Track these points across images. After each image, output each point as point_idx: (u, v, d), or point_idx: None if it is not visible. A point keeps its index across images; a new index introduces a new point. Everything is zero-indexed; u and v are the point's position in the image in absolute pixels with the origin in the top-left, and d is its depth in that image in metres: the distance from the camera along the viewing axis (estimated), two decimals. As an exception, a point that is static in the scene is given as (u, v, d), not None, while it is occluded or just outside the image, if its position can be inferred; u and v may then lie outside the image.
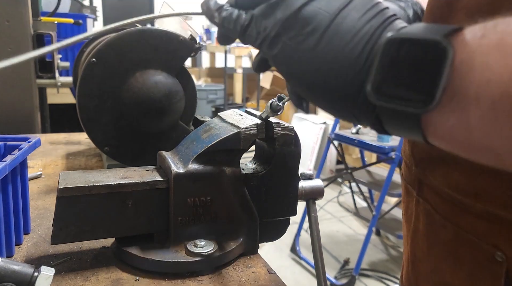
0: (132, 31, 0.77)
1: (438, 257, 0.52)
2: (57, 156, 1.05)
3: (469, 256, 0.48)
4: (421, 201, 0.56)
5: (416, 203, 0.57)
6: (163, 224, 0.56)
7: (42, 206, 0.74)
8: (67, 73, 2.04)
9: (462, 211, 0.48)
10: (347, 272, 2.53)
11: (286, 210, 0.63)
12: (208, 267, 0.55)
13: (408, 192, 0.60)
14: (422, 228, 0.55)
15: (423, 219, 0.55)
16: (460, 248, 0.49)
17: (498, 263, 0.44)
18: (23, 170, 0.61)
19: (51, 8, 1.83)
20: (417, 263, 0.57)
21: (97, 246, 0.60)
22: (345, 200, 3.63)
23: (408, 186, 0.60)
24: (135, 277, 0.54)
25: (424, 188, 0.55)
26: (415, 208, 0.57)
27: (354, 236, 3.05)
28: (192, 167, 0.55)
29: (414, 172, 0.58)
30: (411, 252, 0.59)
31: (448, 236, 0.50)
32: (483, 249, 0.46)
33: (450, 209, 0.50)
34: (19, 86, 1.41)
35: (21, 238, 0.60)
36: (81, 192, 0.52)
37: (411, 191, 0.59)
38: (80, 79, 0.76)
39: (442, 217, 0.51)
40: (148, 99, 0.75)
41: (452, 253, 0.50)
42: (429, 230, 0.54)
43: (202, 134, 0.60)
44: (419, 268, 0.57)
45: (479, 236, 0.46)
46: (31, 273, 0.44)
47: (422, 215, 0.55)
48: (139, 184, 0.54)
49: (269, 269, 0.58)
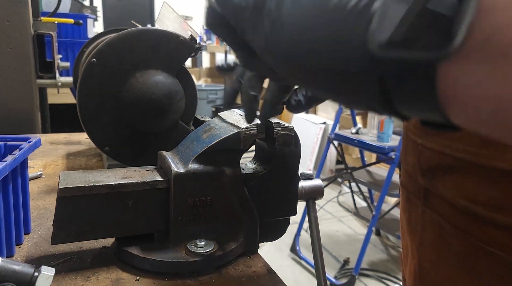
0: (133, 31, 0.77)
1: (450, 268, 0.50)
2: (57, 156, 1.05)
3: (487, 268, 0.46)
4: (428, 211, 0.53)
5: (421, 213, 0.55)
6: (163, 224, 0.56)
7: (42, 206, 0.74)
8: (67, 73, 2.04)
9: (479, 222, 0.46)
10: (347, 272, 2.54)
11: (286, 210, 0.63)
12: (208, 267, 0.55)
13: (411, 202, 0.58)
14: (430, 239, 0.53)
15: (432, 230, 0.53)
16: (477, 260, 0.47)
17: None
18: (24, 170, 0.61)
19: (51, 8, 1.84)
20: (426, 275, 0.55)
21: (98, 246, 0.60)
22: (345, 200, 3.63)
23: (411, 196, 0.58)
24: (136, 277, 0.54)
25: (431, 198, 0.53)
26: (421, 218, 0.55)
27: (354, 236, 3.05)
28: (192, 167, 0.55)
29: (419, 181, 0.55)
30: (418, 263, 0.56)
31: (462, 247, 0.48)
32: (503, 259, 0.44)
33: (464, 220, 0.48)
34: (20, 86, 1.41)
35: (21, 238, 0.60)
36: (82, 192, 0.52)
37: (414, 201, 0.57)
38: (80, 79, 0.76)
39: (454, 228, 0.49)
40: (148, 99, 0.76)
41: (467, 265, 0.48)
42: (439, 241, 0.52)
43: (202, 134, 0.60)
44: (427, 280, 0.55)
45: (499, 247, 0.44)
46: (31, 273, 0.44)
47: (431, 226, 0.53)
48: (139, 184, 0.54)
49: (269, 269, 0.58)
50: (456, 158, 0.48)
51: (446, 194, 0.50)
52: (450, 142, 0.49)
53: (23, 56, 1.40)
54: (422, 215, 0.55)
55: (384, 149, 2.37)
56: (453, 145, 0.48)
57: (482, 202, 0.45)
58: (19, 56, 1.39)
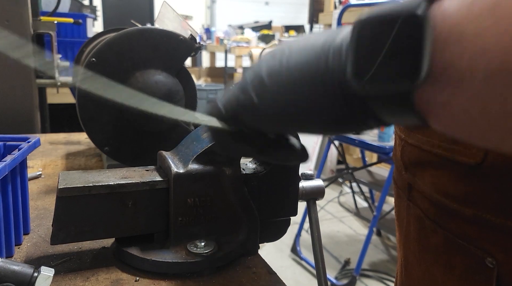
0: (132, 31, 0.77)
1: (429, 262, 0.52)
2: (56, 156, 1.05)
3: (460, 261, 0.47)
4: (412, 205, 0.55)
5: (407, 207, 0.57)
6: (163, 224, 0.56)
7: (41, 206, 0.74)
8: (67, 73, 2.04)
9: (451, 216, 0.48)
10: (348, 273, 2.53)
11: (287, 210, 0.62)
12: (208, 267, 0.55)
13: (400, 196, 0.60)
14: (413, 233, 0.55)
15: (414, 224, 0.55)
16: (451, 253, 0.48)
17: (489, 268, 0.44)
18: (23, 170, 0.61)
19: (51, 7, 1.83)
20: (410, 268, 0.57)
21: (97, 246, 0.60)
22: (345, 200, 3.62)
23: (399, 190, 0.60)
24: (135, 277, 0.53)
25: (414, 193, 0.55)
26: (406, 212, 0.57)
27: (355, 236, 3.05)
28: (192, 167, 0.55)
29: (404, 176, 0.57)
30: (404, 256, 0.58)
31: (439, 241, 0.50)
32: (474, 254, 0.45)
33: (440, 214, 0.50)
34: (19, 86, 1.41)
35: (20, 238, 0.60)
36: (81, 192, 0.52)
37: (402, 196, 0.59)
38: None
39: (432, 222, 0.51)
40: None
41: (443, 258, 0.49)
42: (420, 234, 0.53)
43: (202, 134, 0.59)
44: (411, 273, 0.57)
45: (469, 241, 0.46)
46: (30, 273, 0.44)
47: (413, 220, 0.55)
48: (139, 184, 0.54)
49: (269, 269, 0.57)
50: (433, 153, 0.50)
51: (424, 189, 0.52)
52: (428, 138, 0.51)
53: (23, 56, 1.39)
54: (407, 209, 0.56)
55: (385, 148, 2.37)
56: (430, 141, 0.50)
57: (452, 195, 0.47)
58: (18, 56, 1.38)
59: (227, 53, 5.09)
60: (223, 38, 5.77)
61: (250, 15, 8.44)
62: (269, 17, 7.50)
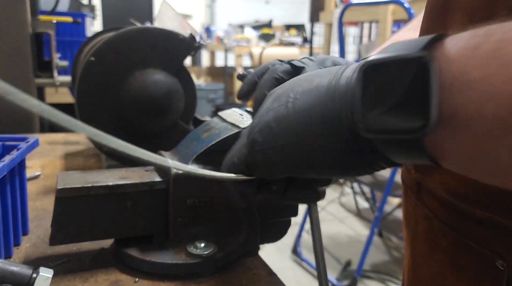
0: (131, 30, 0.76)
1: (438, 263, 0.52)
2: (55, 156, 1.05)
3: (470, 263, 0.47)
4: (420, 205, 0.55)
5: (415, 207, 0.56)
6: (163, 225, 0.56)
7: (40, 207, 0.73)
8: (65, 72, 2.03)
9: (462, 217, 0.47)
10: (349, 274, 2.53)
11: (287, 211, 0.62)
12: (208, 268, 0.55)
13: (408, 196, 0.59)
14: (422, 233, 0.54)
15: (423, 224, 0.54)
16: (460, 254, 0.48)
17: (499, 270, 0.43)
18: (21, 170, 0.60)
19: (50, 6, 1.83)
20: (418, 269, 0.56)
21: (96, 247, 0.59)
22: (346, 200, 3.62)
23: (408, 190, 0.59)
24: (134, 278, 0.53)
25: (423, 193, 0.54)
26: (414, 212, 0.57)
27: (356, 237, 3.04)
28: (192, 167, 0.55)
29: (413, 175, 0.57)
30: (412, 257, 0.58)
31: (448, 242, 0.49)
32: (484, 256, 0.45)
33: (450, 215, 0.49)
34: (18, 86, 1.38)
35: (19, 239, 0.60)
36: (80, 192, 0.51)
37: (410, 195, 0.58)
38: (79, 79, 0.75)
39: (441, 223, 0.50)
40: (147, 99, 0.75)
41: (453, 259, 0.49)
42: (429, 235, 0.53)
43: (202, 134, 0.59)
44: (419, 274, 0.56)
45: (479, 242, 0.45)
46: (29, 274, 0.43)
47: (422, 220, 0.54)
48: (138, 185, 0.54)
49: (269, 270, 0.57)
50: None
51: (433, 189, 0.52)
52: None
53: (21, 55, 1.39)
54: (415, 209, 0.56)
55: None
56: None
57: (462, 196, 0.47)
58: (17, 55, 1.38)
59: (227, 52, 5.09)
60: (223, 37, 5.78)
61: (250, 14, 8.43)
62: (269, 16, 7.50)
